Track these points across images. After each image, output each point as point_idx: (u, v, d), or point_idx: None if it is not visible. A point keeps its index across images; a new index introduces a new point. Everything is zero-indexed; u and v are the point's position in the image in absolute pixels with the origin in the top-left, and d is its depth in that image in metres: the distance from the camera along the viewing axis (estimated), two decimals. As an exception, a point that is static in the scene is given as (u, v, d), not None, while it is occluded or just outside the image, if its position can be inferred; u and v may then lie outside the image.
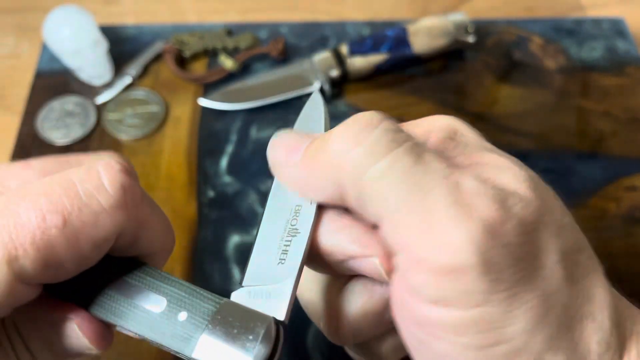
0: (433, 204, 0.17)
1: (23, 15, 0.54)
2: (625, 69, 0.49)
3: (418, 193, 0.17)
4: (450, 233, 0.16)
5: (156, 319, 0.19)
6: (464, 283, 0.16)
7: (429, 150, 0.18)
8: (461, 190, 0.17)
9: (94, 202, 0.18)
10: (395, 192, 0.17)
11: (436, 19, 0.48)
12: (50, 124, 0.45)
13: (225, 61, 0.48)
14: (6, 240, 0.17)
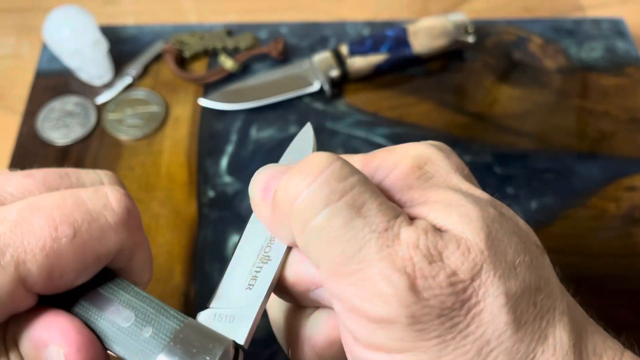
0: (366, 258, 0.17)
1: (23, 16, 0.54)
2: (624, 69, 0.49)
3: (353, 247, 0.17)
4: (379, 286, 0.17)
5: (123, 333, 0.19)
6: (393, 332, 0.17)
7: (373, 198, 0.18)
8: (395, 245, 0.17)
9: (102, 219, 0.19)
10: (332, 246, 0.18)
11: (436, 19, 0.48)
12: (50, 124, 0.45)
13: (226, 61, 0.48)
14: (17, 244, 0.17)
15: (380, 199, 0.18)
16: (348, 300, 0.18)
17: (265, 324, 0.36)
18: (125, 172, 0.43)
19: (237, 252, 0.22)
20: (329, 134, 0.45)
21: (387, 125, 0.46)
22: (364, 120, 0.46)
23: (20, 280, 0.18)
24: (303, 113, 0.46)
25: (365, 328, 0.18)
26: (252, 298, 0.20)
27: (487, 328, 0.17)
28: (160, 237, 0.40)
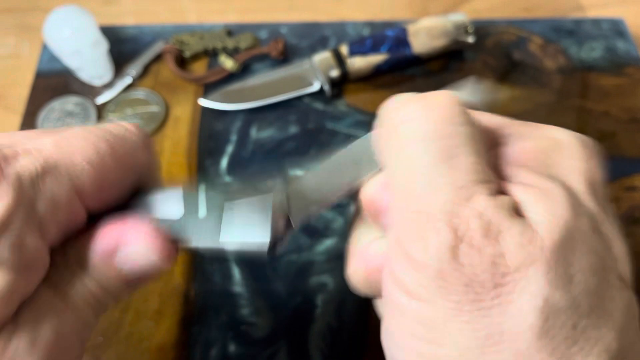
0: (432, 203, 0.18)
1: (23, 16, 0.54)
2: (624, 70, 0.49)
3: (427, 188, 0.18)
4: (427, 232, 0.18)
5: (181, 222, 0.21)
6: (420, 278, 0.18)
7: (471, 155, 0.18)
8: (462, 204, 0.18)
9: (130, 139, 0.21)
10: (411, 178, 0.19)
11: (436, 20, 0.48)
12: (50, 124, 0.45)
13: (226, 61, 0.48)
14: (66, 160, 0.19)
15: (476, 158, 0.18)
16: (398, 232, 0.18)
17: (268, 324, 0.36)
18: (125, 172, 0.43)
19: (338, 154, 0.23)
20: (329, 134, 0.45)
21: (387, 125, 0.46)
22: (364, 120, 0.46)
23: (77, 191, 0.19)
24: (303, 113, 0.46)
25: (402, 264, 0.18)
26: (320, 190, 0.22)
27: (507, 320, 0.17)
28: (160, 237, 0.40)
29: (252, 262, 0.39)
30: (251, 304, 0.37)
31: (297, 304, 0.37)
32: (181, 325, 0.36)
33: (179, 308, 0.37)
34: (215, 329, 0.36)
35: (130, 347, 0.36)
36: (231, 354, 0.35)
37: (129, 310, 0.37)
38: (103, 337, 0.36)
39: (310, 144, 0.45)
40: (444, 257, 0.17)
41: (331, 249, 0.39)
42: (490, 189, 0.18)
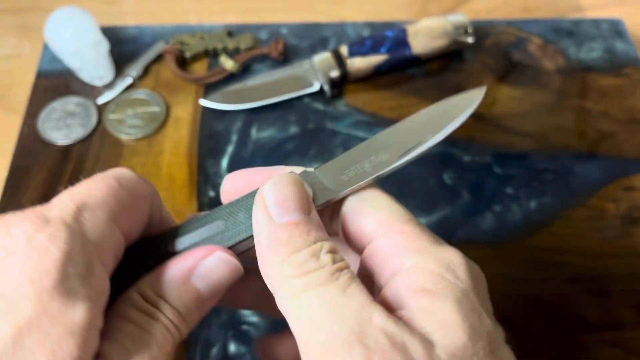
0: (335, 332, 0.19)
1: (24, 16, 0.54)
2: (623, 70, 0.49)
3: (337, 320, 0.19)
4: (347, 358, 0.18)
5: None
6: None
7: (356, 280, 0.20)
8: (370, 325, 0.19)
9: (128, 173, 0.23)
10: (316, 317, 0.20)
11: (435, 20, 0.48)
12: (51, 125, 0.45)
13: (226, 62, 0.48)
14: (90, 197, 0.21)
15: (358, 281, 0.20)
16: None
17: (268, 323, 0.36)
18: (126, 172, 0.43)
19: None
20: (329, 134, 0.45)
21: (387, 125, 0.45)
22: (364, 120, 0.46)
23: (111, 217, 0.21)
24: (303, 113, 0.46)
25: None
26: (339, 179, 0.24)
27: None
28: (161, 237, 0.40)
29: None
30: (251, 303, 0.37)
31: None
32: (182, 324, 0.37)
33: (180, 307, 0.37)
34: (216, 329, 0.36)
35: (131, 347, 0.36)
36: (231, 353, 0.36)
37: (130, 310, 0.37)
38: (104, 337, 0.36)
39: (310, 144, 0.45)
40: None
41: (331, 248, 0.40)
42: (383, 310, 0.19)
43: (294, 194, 0.22)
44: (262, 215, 0.21)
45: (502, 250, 0.39)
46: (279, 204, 0.21)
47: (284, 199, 0.21)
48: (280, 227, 0.21)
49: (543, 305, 0.37)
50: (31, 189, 0.42)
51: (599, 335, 0.36)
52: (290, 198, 0.21)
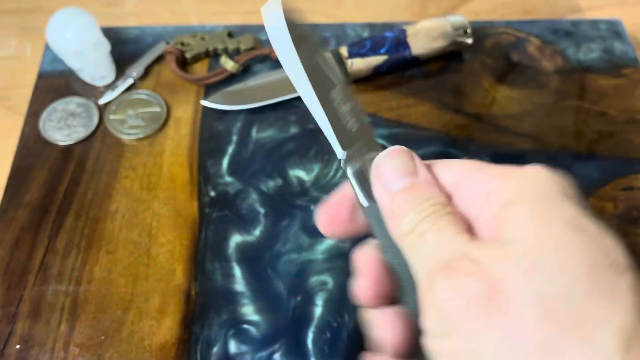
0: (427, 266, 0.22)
1: (26, 17, 0.54)
2: (622, 71, 0.50)
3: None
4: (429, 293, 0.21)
5: None
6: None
7: (448, 223, 0.22)
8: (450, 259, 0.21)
9: None
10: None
11: (435, 21, 0.49)
12: (52, 125, 0.45)
13: (227, 62, 0.48)
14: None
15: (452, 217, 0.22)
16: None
17: (268, 323, 0.37)
18: (127, 172, 0.43)
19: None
20: (328, 134, 0.46)
21: (387, 126, 0.46)
22: (364, 120, 0.46)
23: None
24: (303, 114, 0.47)
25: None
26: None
27: (512, 320, 0.19)
28: (162, 237, 0.40)
29: (253, 262, 0.39)
30: (252, 302, 0.38)
31: (298, 302, 0.38)
32: (182, 323, 0.37)
33: (181, 307, 0.37)
34: (216, 328, 0.37)
35: (132, 346, 0.36)
36: (232, 353, 0.36)
37: (131, 309, 0.37)
38: (105, 336, 0.36)
39: (310, 144, 0.45)
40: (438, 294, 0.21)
41: (331, 248, 0.40)
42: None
43: (400, 163, 0.24)
44: (379, 187, 0.25)
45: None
46: (389, 174, 0.24)
47: (392, 168, 0.24)
48: (396, 195, 0.24)
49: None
50: (32, 189, 0.42)
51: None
52: (398, 167, 0.24)
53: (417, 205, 0.23)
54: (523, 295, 0.19)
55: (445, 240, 0.22)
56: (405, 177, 0.24)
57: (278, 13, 0.26)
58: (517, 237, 0.20)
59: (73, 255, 0.39)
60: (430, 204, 0.23)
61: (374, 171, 0.25)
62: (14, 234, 0.40)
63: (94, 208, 0.41)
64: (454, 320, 0.20)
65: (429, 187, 0.24)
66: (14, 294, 0.38)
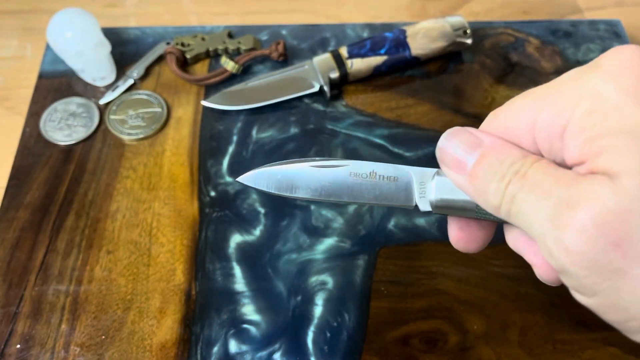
0: (540, 220, 0.20)
1: (27, 18, 0.55)
2: (621, 71, 0.50)
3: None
4: (547, 243, 0.20)
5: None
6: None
7: (542, 172, 0.21)
8: (557, 202, 0.20)
9: None
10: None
11: (434, 22, 0.49)
12: (53, 125, 0.46)
13: (227, 63, 0.48)
14: None
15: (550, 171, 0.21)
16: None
17: (268, 322, 0.37)
18: (127, 172, 0.43)
19: None
20: (329, 134, 0.46)
21: (386, 126, 0.46)
22: (364, 121, 0.46)
23: None
24: (303, 114, 0.47)
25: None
26: None
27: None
28: (162, 237, 0.40)
29: (253, 261, 0.39)
30: (252, 302, 0.38)
31: (298, 302, 0.38)
32: (183, 323, 0.37)
33: (181, 306, 0.38)
34: (217, 327, 0.37)
35: (133, 345, 0.36)
36: (232, 352, 0.36)
37: (131, 309, 0.37)
38: (105, 336, 0.36)
39: (310, 145, 0.45)
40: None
41: (331, 248, 0.40)
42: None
43: (460, 141, 0.24)
44: (452, 174, 0.24)
45: (501, 250, 0.40)
46: (456, 157, 0.23)
47: (456, 149, 0.24)
48: (471, 173, 0.23)
49: (542, 304, 0.38)
50: (33, 189, 0.42)
51: (597, 334, 0.37)
52: (460, 145, 0.23)
53: (495, 173, 0.22)
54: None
55: (544, 196, 0.20)
56: (472, 152, 0.23)
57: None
58: (622, 169, 0.18)
59: (74, 255, 0.39)
60: (508, 164, 0.22)
61: (442, 161, 0.24)
62: (15, 233, 0.40)
63: (94, 208, 0.42)
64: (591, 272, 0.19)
65: (500, 149, 0.22)
66: (15, 293, 0.38)
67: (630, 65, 0.20)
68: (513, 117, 0.23)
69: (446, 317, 0.37)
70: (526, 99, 0.23)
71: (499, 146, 0.23)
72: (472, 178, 0.23)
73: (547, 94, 0.22)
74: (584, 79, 0.21)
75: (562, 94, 0.21)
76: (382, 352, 0.36)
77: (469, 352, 0.36)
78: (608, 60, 0.21)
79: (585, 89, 0.21)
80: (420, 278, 0.39)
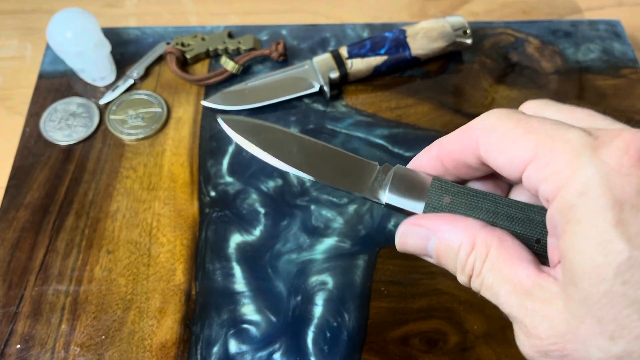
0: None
1: (27, 18, 0.55)
2: (621, 71, 0.50)
3: None
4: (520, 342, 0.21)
5: None
6: None
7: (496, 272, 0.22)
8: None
9: None
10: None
11: (434, 22, 0.49)
12: (53, 125, 0.46)
13: (227, 63, 0.48)
14: None
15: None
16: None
17: (268, 322, 0.37)
18: (127, 172, 0.43)
19: None
20: (329, 134, 0.46)
21: (386, 126, 0.46)
22: (364, 120, 0.46)
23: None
24: (303, 114, 0.47)
25: None
26: None
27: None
28: (162, 237, 0.40)
29: (253, 261, 0.39)
30: (252, 302, 0.38)
31: (298, 302, 0.38)
32: (183, 323, 0.37)
33: (181, 306, 0.38)
34: (216, 327, 0.37)
35: (133, 345, 0.36)
36: (232, 352, 0.36)
37: (131, 309, 0.37)
38: (105, 336, 0.36)
39: (310, 145, 0.45)
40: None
41: (331, 248, 0.40)
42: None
43: (414, 244, 0.25)
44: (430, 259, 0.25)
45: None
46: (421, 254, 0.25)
47: (416, 249, 0.25)
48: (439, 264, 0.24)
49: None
50: (33, 189, 0.42)
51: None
52: (415, 247, 0.25)
53: (454, 263, 0.23)
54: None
55: (505, 300, 0.21)
56: (427, 248, 0.24)
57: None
58: (580, 273, 0.18)
59: (74, 255, 0.39)
60: (463, 257, 0.23)
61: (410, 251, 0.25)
62: (15, 233, 0.40)
63: (94, 208, 0.42)
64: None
65: (450, 233, 0.23)
66: (15, 293, 0.38)
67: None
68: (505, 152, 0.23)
69: (446, 317, 0.37)
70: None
71: (448, 230, 0.23)
72: (440, 264, 0.24)
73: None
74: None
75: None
76: (382, 352, 0.36)
77: (469, 352, 0.36)
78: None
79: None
80: (420, 278, 0.39)
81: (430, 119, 0.47)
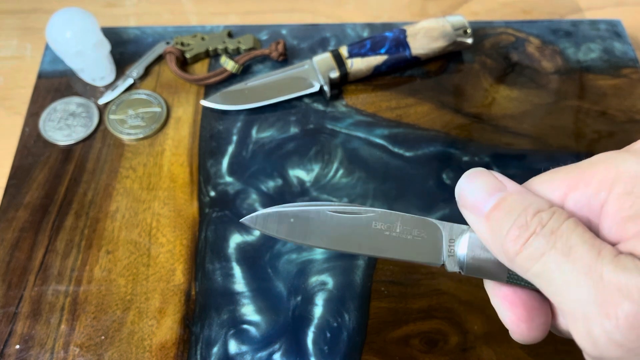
0: (579, 298, 0.19)
1: (26, 17, 0.55)
2: (621, 71, 0.50)
3: (569, 286, 0.19)
4: (592, 329, 0.19)
5: None
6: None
7: (578, 235, 0.20)
8: (603, 285, 0.18)
9: None
10: (552, 285, 0.20)
11: (435, 21, 0.49)
12: (53, 125, 0.45)
13: (227, 62, 0.48)
14: None
15: (586, 236, 0.20)
16: (574, 334, 0.20)
17: (268, 322, 0.37)
18: (127, 172, 0.43)
19: None
20: (329, 134, 0.46)
21: (386, 125, 0.46)
22: (364, 120, 0.46)
23: None
24: (303, 113, 0.47)
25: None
26: None
27: None
28: (162, 237, 0.40)
29: (253, 262, 0.39)
30: (252, 302, 0.38)
31: (298, 302, 0.38)
32: (182, 323, 0.37)
33: (180, 307, 0.37)
34: (216, 328, 0.37)
35: (132, 346, 0.36)
36: (232, 353, 0.36)
37: (131, 309, 0.37)
38: (105, 336, 0.36)
39: (310, 144, 0.45)
40: (624, 339, 0.18)
41: (331, 248, 0.40)
42: (612, 257, 0.19)
43: (482, 182, 0.22)
44: (469, 215, 0.22)
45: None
46: (476, 197, 0.22)
47: (476, 190, 0.22)
48: (487, 217, 0.21)
49: (541, 304, 0.38)
50: (33, 189, 0.42)
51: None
52: (482, 187, 0.22)
53: (516, 218, 0.20)
54: None
55: (582, 267, 0.19)
56: (493, 194, 0.21)
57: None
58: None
59: (73, 255, 0.39)
60: (532, 212, 0.20)
61: (460, 200, 0.23)
62: (14, 234, 0.40)
63: (94, 208, 0.41)
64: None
65: (524, 195, 0.21)
66: (14, 293, 0.38)
67: None
68: (540, 192, 0.22)
69: (446, 317, 0.37)
70: (555, 176, 0.22)
71: (523, 192, 0.21)
72: (489, 219, 0.21)
73: (579, 174, 0.21)
74: (619, 160, 0.21)
75: (596, 174, 0.21)
76: (382, 352, 0.36)
77: (469, 352, 0.36)
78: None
79: (622, 170, 0.20)
80: (421, 278, 0.39)
81: (431, 118, 0.47)
